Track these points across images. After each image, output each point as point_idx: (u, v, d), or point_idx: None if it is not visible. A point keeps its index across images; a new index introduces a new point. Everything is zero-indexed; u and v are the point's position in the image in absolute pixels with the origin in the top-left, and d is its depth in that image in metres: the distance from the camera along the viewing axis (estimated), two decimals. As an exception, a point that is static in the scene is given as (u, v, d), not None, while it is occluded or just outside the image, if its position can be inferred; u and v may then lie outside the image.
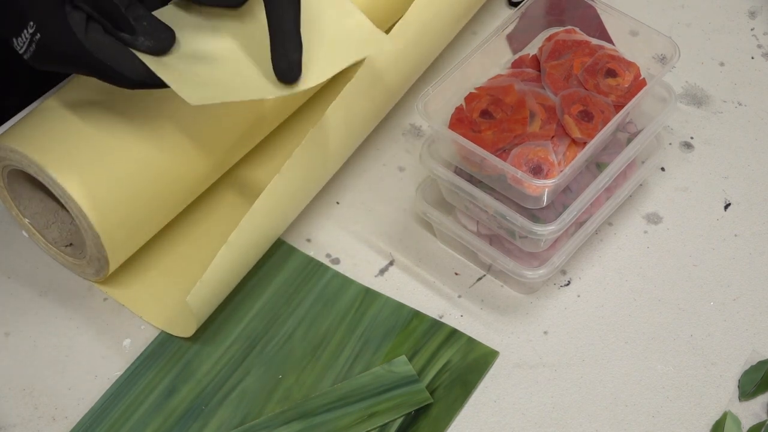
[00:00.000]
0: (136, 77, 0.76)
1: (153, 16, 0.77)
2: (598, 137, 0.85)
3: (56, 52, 0.76)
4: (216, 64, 0.79)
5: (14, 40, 0.76)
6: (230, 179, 0.95)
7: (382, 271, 0.91)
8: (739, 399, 0.85)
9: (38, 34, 0.75)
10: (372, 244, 0.92)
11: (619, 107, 0.87)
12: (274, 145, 0.96)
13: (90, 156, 0.83)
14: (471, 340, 0.87)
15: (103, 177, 0.83)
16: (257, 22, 0.81)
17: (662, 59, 0.91)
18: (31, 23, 0.75)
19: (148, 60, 0.76)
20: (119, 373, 0.86)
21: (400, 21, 0.92)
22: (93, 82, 0.86)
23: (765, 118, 1.00)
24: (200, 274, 0.84)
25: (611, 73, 0.88)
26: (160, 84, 0.77)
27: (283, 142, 0.96)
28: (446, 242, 0.92)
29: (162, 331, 0.88)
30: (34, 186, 0.89)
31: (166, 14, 0.79)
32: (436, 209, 0.90)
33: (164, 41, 0.77)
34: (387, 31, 0.92)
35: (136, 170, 0.85)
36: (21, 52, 0.76)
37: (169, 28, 0.77)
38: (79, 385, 0.85)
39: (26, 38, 0.75)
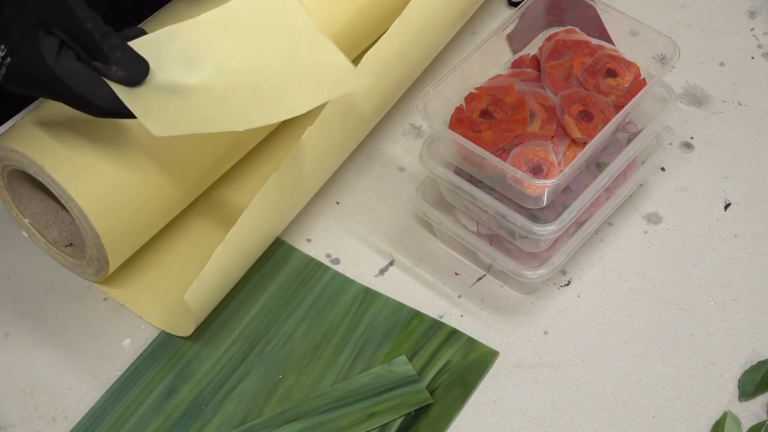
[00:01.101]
0: (106, 106, 0.76)
1: (128, 46, 0.77)
2: (598, 137, 0.85)
3: (26, 76, 0.75)
4: (187, 96, 0.79)
5: None
6: (231, 179, 0.95)
7: (382, 271, 0.91)
8: (739, 399, 0.85)
9: (8, 58, 0.75)
10: (372, 244, 0.92)
11: (619, 107, 0.87)
12: (274, 145, 0.96)
13: (90, 156, 0.83)
14: (471, 340, 0.87)
15: (103, 177, 0.83)
16: (232, 54, 0.81)
17: (662, 59, 0.91)
18: (2, 47, 0.75)
19: (119, 89, 0.76)
20: (119, 373, 0.86)
21: (397, 20, 0.92)
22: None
23: (765, 118, 1.00)
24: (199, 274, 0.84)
25: (611, 73, 0.88)
26: (130, 114, 0.76)
27: (283, 142, 0.96)
28: (446, 242, 0.92)
29: (162, 331, 0.88)
30: (34, 186, 0.89)
31: (141, 44, 0.78)
32: (436, 209, 0.90)
33: (137, 73, 0.77)
34: (384, 31, 0.92)
35: (136, 170, 0.85)
36: None
37: (143, 59, 0.77)
38: (79, 385, 0.85)
39: None
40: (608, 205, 0.90)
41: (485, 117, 0.87)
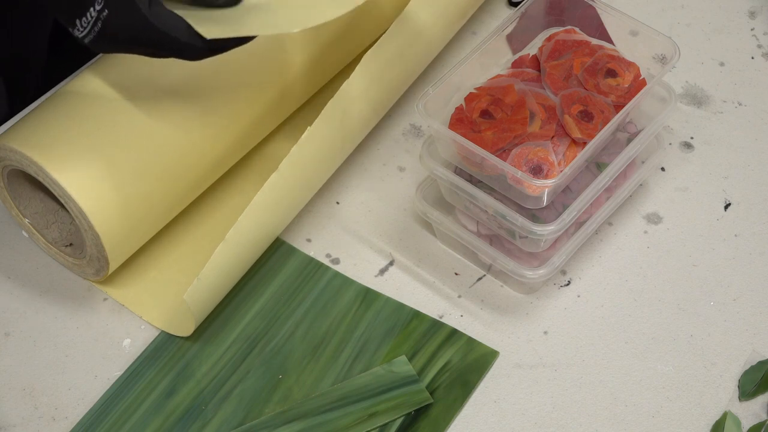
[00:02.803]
0: (203, 44, 0.75)
1: None
2: (598, 137, 0.85)
3: (121, 29, 0.74)
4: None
5: (77, 22, 0.74)
6: (230, 179, 0.95)
7: (382, 271, 0.91)
8: (739, 399, 0.85)
9: (105, 11, 0.73)
10: (372, 244, 0.92)
11: (619, 107, 0.87)
12: (274, 145, 0.96)
13: (90, 156, 0.83)
14: (471, 340, 0.87)
15: (103, 177, 0.83)
16: None
17: (662, 59, 0.91)
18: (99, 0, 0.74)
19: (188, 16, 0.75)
20: (119, 373, 0.86)
21: (397, 20, 0.92)
22: (92, 82, 0.86)
23: (765, 118, 1.00)
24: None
25: (611, 73, 0.88)
26: (224, 47, 0.76)
27: (283, 142, 0.96)
28: (446, 242, 0.92)
29: (162, 331, 0.88)
30: (34, 186, 0.89)
31: None
32: (436, 209, 0.90)
33: None
34: (384, 31, 0.92)
35: (136, 170, 0.85)
36: (82, 35, 0.75)
37: None
38: (79, 385, 0.85)
39: (92, 17, 0.74)
40: (608, 205, 0.90)
41: (485, 117, 0.87)
